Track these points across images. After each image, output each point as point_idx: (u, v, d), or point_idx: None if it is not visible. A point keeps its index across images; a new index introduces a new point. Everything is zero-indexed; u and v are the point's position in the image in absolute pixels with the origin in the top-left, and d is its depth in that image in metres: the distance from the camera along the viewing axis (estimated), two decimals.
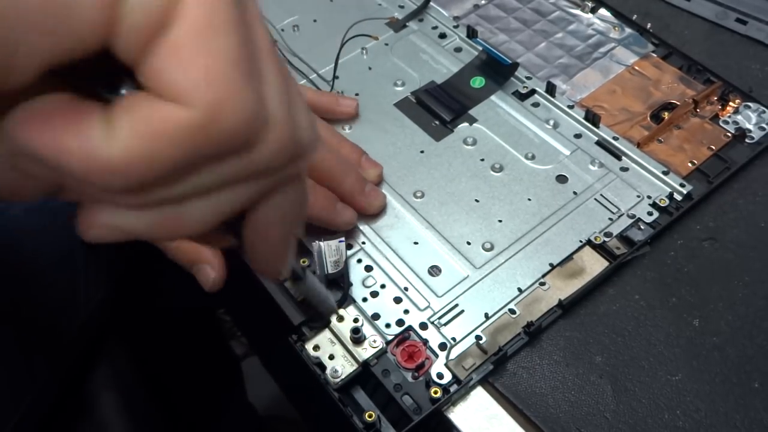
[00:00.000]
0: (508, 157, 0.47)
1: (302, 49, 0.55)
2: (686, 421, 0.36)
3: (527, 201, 0.44)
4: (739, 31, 0.54)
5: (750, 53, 0.53)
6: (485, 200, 0.45)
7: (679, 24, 0.55)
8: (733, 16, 0.54)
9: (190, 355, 0.75)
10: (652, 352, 0.39)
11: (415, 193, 0.45)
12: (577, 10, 0.55)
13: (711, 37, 0.54)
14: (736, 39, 0.54)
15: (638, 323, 0.40)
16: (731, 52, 0.53)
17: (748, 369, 0.38)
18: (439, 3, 0.57)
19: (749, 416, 0.36)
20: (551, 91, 0.49)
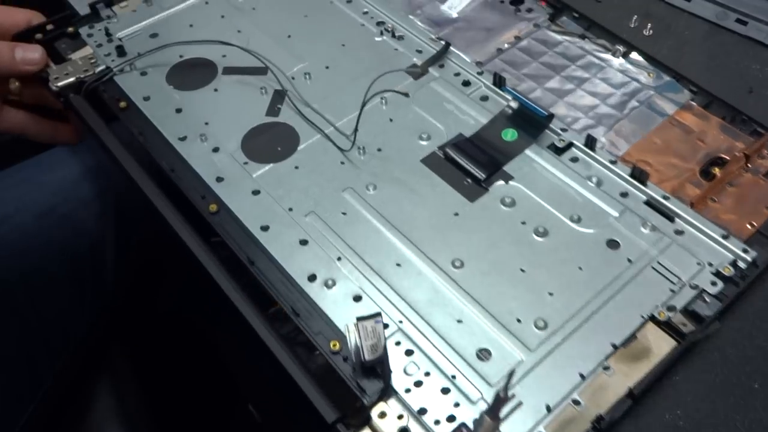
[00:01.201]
0: (551, 219, 0.43)
1: (315, 98, 0.50)
2: None
3: (578, 270, 0.40)
4: (739, 31, 0.54)
5: (750, 54, 0.53)
6: (531, 270, 0.40)
7: (679, 24, 0.55)
8: (733, 17, 0.54)
9: (191, 363, 0.72)
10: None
11: (453, 263, 0.41)
12: (608, 54, 0.52)
13: (711, 37, 0.54)
14: (736, 39, 0.54)
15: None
16: (731, 52, 0.53)
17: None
18: (458, 47, 0.53)
19: None
20: (591, 145, 0.45)
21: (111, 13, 0.57)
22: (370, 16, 0.56)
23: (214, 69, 0.53)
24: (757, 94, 0.48)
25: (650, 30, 0.52)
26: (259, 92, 0.51)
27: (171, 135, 0.48)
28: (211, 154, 0.47)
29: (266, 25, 0.56)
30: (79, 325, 0.63)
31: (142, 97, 0.51)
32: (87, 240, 0.62)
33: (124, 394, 0.64)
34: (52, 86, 0.51)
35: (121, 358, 0.65)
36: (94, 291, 0.63)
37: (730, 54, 0.53)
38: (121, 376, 0.65)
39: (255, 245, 0.42)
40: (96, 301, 0.64)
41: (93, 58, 0.53)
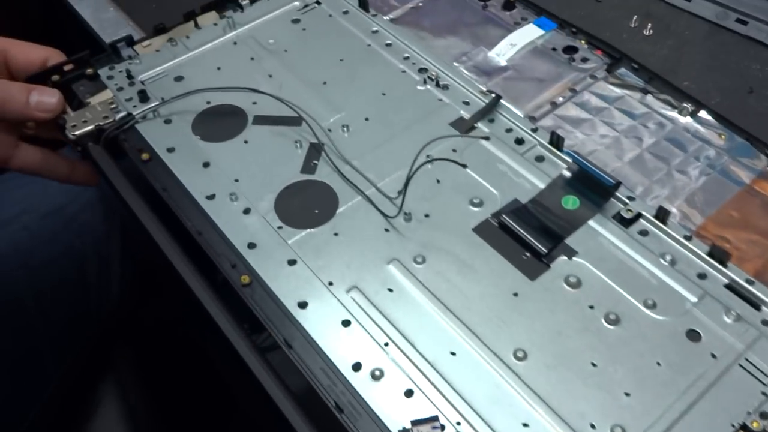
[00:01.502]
0: (622, 304, 0.38)
1: (354, 154, 0.46)
2: None
3: (656, 366, 0.36)
4: (739, 31, 0.53)
5: (750, 53, 0.52)
6: (604, 364, 0.36)
7: (679, 24, 0.55)
8: (733, 17, 0.54)
9: (194, 366, 0.71)
10: None
11: (515, 353, 0.36)
12: (673, 112, 0.48)
13: (711, 37, 0.54)
14: (736, 39, 0.53)
15: None
16: (732, 52, 0.52)
17: None
18: (508, 98, 0.49)
19: None
20: (663, 218, 0.41)
21: (133, 53, 0.53)
22: (412, 62, 0.52)
23: (243, 118, 0.49)
24: (758, 94, 0.49)
25: (650, 30, 0.52)
26: (294, 146, 0.47)
27: (198, 193, 0.44)
28: (241, 216, 0.43)
29: (299, 69, 0.52)
30: (84, 325, 0.63)
31: (165, 149, 0.47)
32: (93, 241, 0.63)
33: (128, 396, 0.64)
34: (69, 134, 0.47)
35: (126, 359, 0.65)
36: (99, 292, 0.63)
37: (731, 54, 0.53)
38: (126, 378, 0.65)
39: (292, 324, 0.38)
40: (102, 301, 0.63)
41: (113, 103, 0.49)
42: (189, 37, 0.54)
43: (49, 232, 0.60)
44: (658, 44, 0.53)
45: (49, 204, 0.61)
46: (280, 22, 0.56)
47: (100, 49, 0.60)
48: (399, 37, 0.54)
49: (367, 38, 0.54)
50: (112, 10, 0.65)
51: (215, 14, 0.56)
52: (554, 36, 0.53)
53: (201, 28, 0.55)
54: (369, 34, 0.54)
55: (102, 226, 0.64)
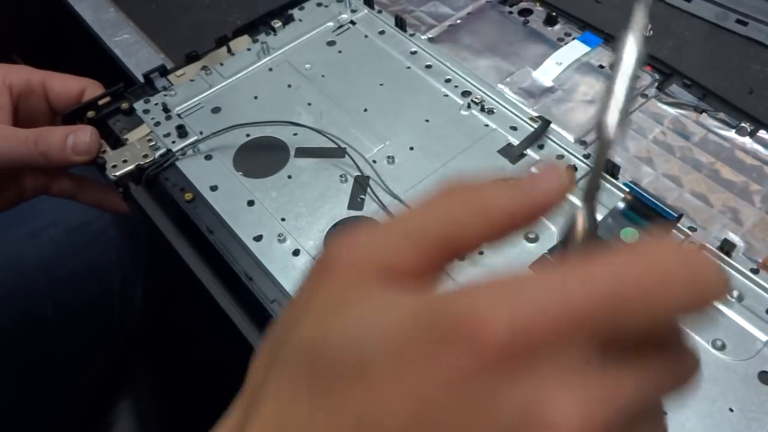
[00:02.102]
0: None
1: (402, 188, 0.45)
2: None
3: (729, 413, 0.35)
4: (739, 32, 0.53)
5: (750, 54, 0.52)
6: (674, 412, 0.35)
7: (679, 25, 0.54)
8: (733, 17, 0.53)
9: (212, 384, 0.71)
10: None
11: None
12: (731, 132, 0.46)
13: (711, 38, 0.53)
14: (736, 40, 0.53)
15: None
16: (732, 53, 0.52)
17: None
18: (556, 121, 0.47)
19: None
20: (728, 251, 0.40)
21: (167, 84, 0.52)
22: (454, 85, 0.50)
23: (285, 151, 0.48)
24: (758, 94, 0.48)
25: (650, 30, 0.52)
26: (339, 179, 0.46)
27: (245, 234, 0.43)
28: (291, 257, 0.42)
29: (339, 96, 0.51)
30: (105, 339, 0.63)
31: (208, 187, 0.46)
32: (117, 257, 0.63)
33: (145, 412, 0.64)
34: (109, 175, 0.46)
35: (144, 376, 0.66)
36: (121, 308, 0.63)
37: (731, 54, 0.52)
38: (143, 393, 0.65)
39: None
40: (123, 317, 0.64)
41: (151, 140, 0.48)
42: (223, 64, 0.53)
43: (74, 245, 0.61)
44: (658, 45, 0.52)
45: (76, 218, 0.62)
46: (315, 45, 0.55)
47: (103, 52, 0.59)
48: (439, 57, 0.52)
49: (406, 60, 0.53)
50: (112, 11, 0.64)
51: (248, 38, 0.55)
52: (600, 51, 0.52)
53: (234, 54, 0.54)
54: (408, 56, 0.53)
55: (127, 243, 0.64)
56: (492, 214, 0.19)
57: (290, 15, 0.57)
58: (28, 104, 0.49)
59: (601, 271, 0.16)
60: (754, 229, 0.42)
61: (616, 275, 0.16)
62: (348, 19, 0.57)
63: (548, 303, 0.16)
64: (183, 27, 0.61)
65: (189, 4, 0.63)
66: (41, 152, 0.45)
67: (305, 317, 0.18)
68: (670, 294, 0.16)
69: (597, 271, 0.16)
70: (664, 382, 0.18)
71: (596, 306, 0.16)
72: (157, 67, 0.52)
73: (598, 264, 0.16)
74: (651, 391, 0.17)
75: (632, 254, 0.17)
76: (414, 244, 0.18)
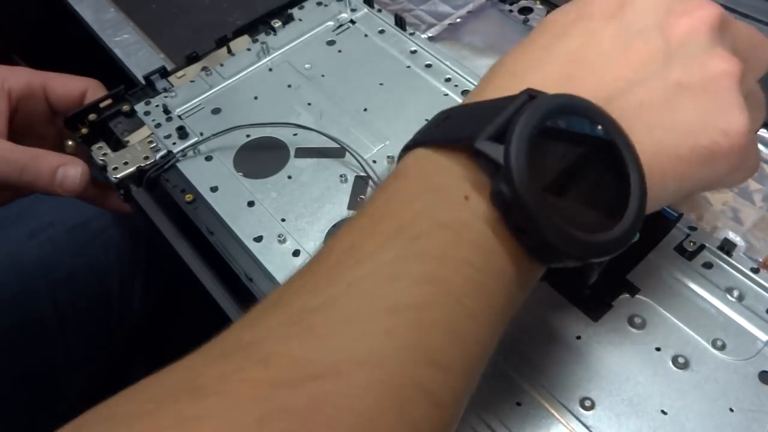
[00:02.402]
0: (690, 345, 0.37)
1: None
2: None
3: (729, 413, 0.35)
4: None
5: None
6: (674, 412, 0.35)
7: None
8: (733, 17, 0.51)
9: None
10: None
11: (582, 402, 0.36)
12: None
13: None
14: None
15: None
16: None
17: None
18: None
19: None
20: (728, 250, 0.40)
21: (168, 85, 0.52)
22: (454, 84, 0.50)
23: (285, 151, 0.48)
24: None
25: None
26: (339, 179, 0.46)
27: (245, 235, 0.44)
28: (291, 258, 0.42)
29: (339, 95, 0.51)
30: (104, 339, 0.63)
31: (209, 188, 0.46)
32: (117, 257, 0.63)
33: None
34: (111, 177, 0.46)
35: (144, 374, 0.67)
36: (120, 308, 0.63)
37: None
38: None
39: None
40: (122, 318, 0.64)
41: (152, 141, 0.48)
42: (223, 65, 0.53)
43: (73, 245, 0.61)
44: None
45: (76, 217, 0.62)
46: (315, 45, 0.55)
47: (103, 53, 0.60)
48: (439, 57, 0.52)
49: (406, 59, 0.52)
50: (113, 11, 0.64)
51: (248, 38, 0.55)
52: None
53: (234, 55, 0.54)
54: (408, 55, 0.53)
55: (127, 243, 0.64)
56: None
57: (290, 14, 0.57)
58: (28, 107, 0.49)
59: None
60: (754, 229, 0.42)
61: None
62: (348, 19, 0.57)
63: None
64: (183, 27, 0.61)
65: (189, 4, 0.63)
66: (27, 181, 0.45)
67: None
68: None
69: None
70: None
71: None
72: (157, 69, 0.52)
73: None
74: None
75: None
76: None
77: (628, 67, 0.28)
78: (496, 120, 0.25)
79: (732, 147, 0.28)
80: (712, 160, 0.28)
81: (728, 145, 0.28)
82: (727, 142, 0.28)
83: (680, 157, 0.28)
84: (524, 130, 0.25)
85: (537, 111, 0.25)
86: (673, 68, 0.28)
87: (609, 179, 0.26)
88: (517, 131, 0.24)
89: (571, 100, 0.26)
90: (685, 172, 0.29)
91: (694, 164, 0.28)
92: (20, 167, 0.44)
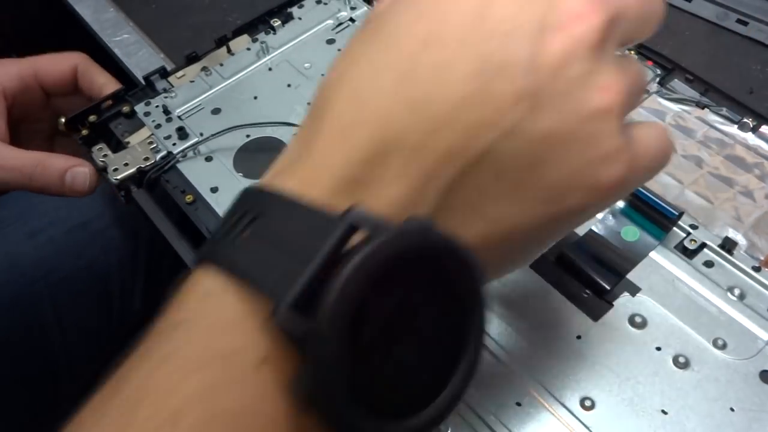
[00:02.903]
0: (690, 344, 0.37)
1: None
2: None
3: (730, 412, 0.35)
4: (739, 32, 0.53)
5: (751, 54, 0.52)
6: (675, 412, 0.35)
7: (679, 25, 0.54)
8: (733, 17, 0.53)
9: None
10: None
11: (582, 402, 0.36)
12: (733, 127, 0.46)
13: (711, 38, 0.53)
14: (736, 40, 0.53)
15: None
16: (732, 53, 0.53)
17: None
18: None
19: None
20: (729, 248, 0.40)
21: (167, 86, 0.52)
22: None
23: None
24: (758, 94, 0.48)
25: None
26: None
27: None
28: None
29: None
30: (103, 341, 0.63)
31: (209, 189, 0.46)
32: (117, 258, 0.62)
33: None
34: (111, 179, 0.46)
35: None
36: (121, 309, 0.63)
37: (731, 55, 0.52)
38: None
39: None
40: (122, 318, 0.63)
41: (152, 142, 0.48)
42: (222, 64, 0.53)
43: (73, 246, 0.61)
44: (659, 45, 0.52)
45: (76, 218, 0.62)
46: (315, 44, 0.54)
47: (103, 53, 0.59)
48: None
49: None
50: (112, 11, 0.64)
51: (247, 38, 0.55)
52: None
53: (234, 54, 0.54)
54: None
55: (127, 244, 0.64)
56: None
57: (290, 13, 0.56)
58: (23, 100, 0.48)
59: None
60: (756, 227, 0.41)
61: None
62: (347, 17, 0.56)
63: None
64: (183, 27, 0.61)
65: (189, 4, 0.63)
66: (37, 188, 0.45)
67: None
68: (650, 5, 0.25)
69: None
70: (640, 77, 0.24)
71: (622, 8, 0.23)
72: (157, 69, 0.52)
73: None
74: (637, 81, 0.24)
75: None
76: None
77: (485, 121, 0.21)
78: (306, 274, 0.19)
79: (606, 198, 0.24)
80: (581, 217, 0.25)
81: (599, 198, 0.24)
82: (599, 196, 0.24)
83: (543, 225, 0.24)
84: (339, 304, 0.19)
85: (363, 267, 0.19)
86: (540, 116, 0.22)
87: (441, 342, 0.21)
88: (329, 305, 0.18)
89: (421, 241, 0.20)
90: (551, 236, 0.26)
91: (564, 225, 0.25)
92: (28, 176, 0.44)
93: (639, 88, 0.24)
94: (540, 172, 0.22)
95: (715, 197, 0.43)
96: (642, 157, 0.24)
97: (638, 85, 0.24)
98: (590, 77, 0.22)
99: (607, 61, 0.23)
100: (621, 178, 0.23)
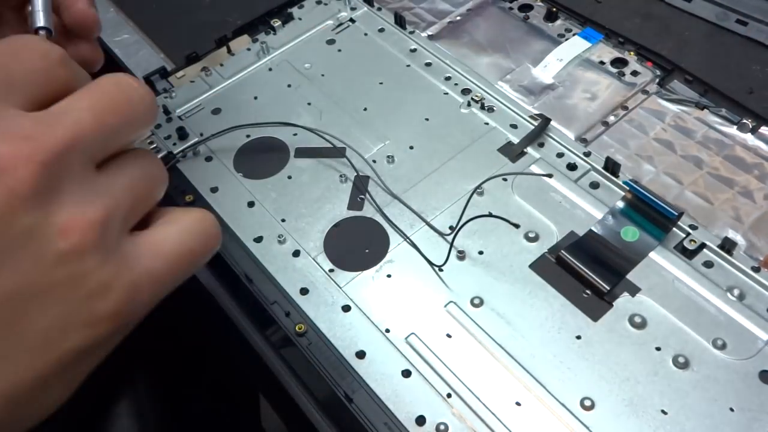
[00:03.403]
0: (690, 344, 0.37)
1: (401, 187, 0.45)
2: None
3: (729, 413, 0.35)
4: (739, 32, 0.53)
5: (750, 54, 0.52)
6: (675, 411, 0.35)
7: (679, 25, 0.55)
8: (733, 18, 0.53)
9: (214, 385, 0.71)
10: None
11: (582, 402, 0.36)
12: (732, 128, 0.46)
13: (711, 38, 0.54)
14: (736, 40, 0.53)
15: None
16: (732, 53, 0.52)
17: None
18: (557, 118, 0.47)
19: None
20: (729, 249, 0.40)
21: (168, 86, 0.52)
22: (454, 83, 0.50)
23: (285, 151, 0.48)
24: (758, 95, 0.48)
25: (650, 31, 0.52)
26: (339, 179, 0.46)
27: (245, 236, 0.44)
28: (291, 259, 0.42)
29: (338, 95, 0.51)
30: None
31: (209, 189, 0.46)
32: None
33: (145, 411, 0.63)
34: None
35: (144, 374, 0.64)
36: None
37: (731, 55, 0.52)
38: (143, 393, 0.64)
39: (351, 376, 0.38)
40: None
41: (153, 143, 0.48)
42: (223, 65, 0.53)
43: None
44: (659, 45, 0.52)
45: None
46: (315, 44, 0.54)
47: (103, 52, 0.59)
48: (439, 55, 0.52)
49: (406, 58, 0.52)
50: (112, 11, 0.64)
51: (247, 38, 0.55)
52: (601, 48, 0.51)
53: (234, 54, 0.54)
54: (407, 54, 0.53)
55: None
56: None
57: (290, 14, 0.56)
58: None
59: (67, 107, 0.22)
60: (755, 228, 0.41)
61: (77, 109, 0.22)
62: (347, 17, 0.56)
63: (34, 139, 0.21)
64: (183, 27, 0.61)
65: (189, 4, 0.62)
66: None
67: None
68: (114, 114, 0.23)
69: (64, 109, 0.22)
70: (141, 182, 0.24)
71: (75, 132, 0.22)
72: (157, 69, 0.52)
73: (64, 104, 0.22)
74: (134, 189, 0.24)
75: (86, 89, 0.23)
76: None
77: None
78: None
79: (118, 327, 0.23)
80: (101, 350, 0.25)
81: (109, 330, 0.23)
82: (105, 329, 0.23)
83: (50, 374, 0.23)
84: None
85: None
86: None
87: None
88: None
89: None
90: (71, 383, 0.26)
91: (83, 365, 0.25)
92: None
93: (137, 194, 0.24)
94: (22, 325, 0.21)
95: (714, 198, 0.43)
96: (149, 271, 0.23)
97: (135, 191, 0.24)
98: (42, 225, 0.21)
99: (65, 198, 0.21)
100: (122, 305, 0.22)
